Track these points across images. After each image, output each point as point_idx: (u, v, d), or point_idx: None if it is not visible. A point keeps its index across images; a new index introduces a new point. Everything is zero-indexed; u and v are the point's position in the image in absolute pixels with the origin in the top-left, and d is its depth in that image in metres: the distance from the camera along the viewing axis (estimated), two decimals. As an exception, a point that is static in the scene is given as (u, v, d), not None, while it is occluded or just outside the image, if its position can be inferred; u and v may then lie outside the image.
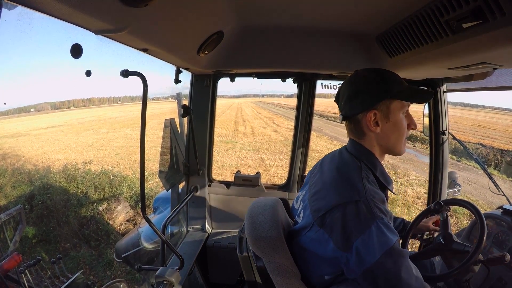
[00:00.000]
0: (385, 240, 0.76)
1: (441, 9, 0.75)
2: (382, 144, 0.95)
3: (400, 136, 0.94)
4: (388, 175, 0.98)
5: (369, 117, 0.91)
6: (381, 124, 0.92)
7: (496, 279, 1.27)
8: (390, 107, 0.91)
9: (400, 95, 0.91)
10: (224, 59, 1.53)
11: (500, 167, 9.85)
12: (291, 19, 1.21)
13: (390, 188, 0.98)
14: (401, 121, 0.93)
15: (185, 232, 2.21)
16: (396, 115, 0.92)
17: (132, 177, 7.19)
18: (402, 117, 0.93)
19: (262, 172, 2.45)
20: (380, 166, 0.96)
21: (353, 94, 0.94)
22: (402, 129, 0.94)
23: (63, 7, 0.58)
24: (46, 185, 6.30)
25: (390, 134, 0.93)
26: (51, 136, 18.31)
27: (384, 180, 0.95)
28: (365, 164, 0.93)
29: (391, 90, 0.90)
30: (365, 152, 0.95)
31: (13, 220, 2.30)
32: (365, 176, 0.88)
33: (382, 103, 0.91)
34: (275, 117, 26.50)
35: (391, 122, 0.92)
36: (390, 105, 0.91)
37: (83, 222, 5.08)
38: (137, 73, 1.00)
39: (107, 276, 3.80)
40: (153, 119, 14.39)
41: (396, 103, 0.92)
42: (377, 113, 0.91)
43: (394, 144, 0.95)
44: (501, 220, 1.43)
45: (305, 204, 0.97)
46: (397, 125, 0.93)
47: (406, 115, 0.95)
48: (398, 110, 0.92)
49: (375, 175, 0.93)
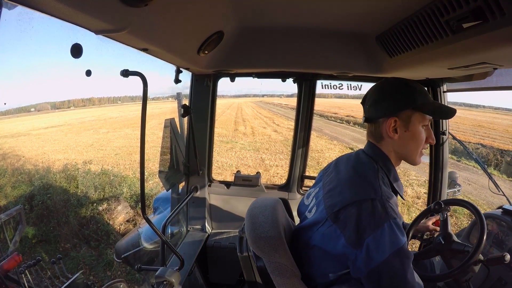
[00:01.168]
0: (396, 240, 0.78)
1: (441, 9, 0.75)
2: (398, 151, 0.99)
3: (417, 147, 0.97)
4: (400, 182, 1.01)
5: (389, 123, 0.95)
6: (400, 132, 0.96)
7: (496, 279, 1.27)
8: (411, 118, 0.95)
9: (423, 107, 0.95)
10: (224, 59, 1.53)
11: (500, 167, 9.85)
12: (291, 19, 1.21)
13: (401, 194, 1.00)
14: (420, 133, 0.96)
15: (185, 232, 2.21)
16: (415, 126, 0.95)
17: (132, 177, 7.20)
18: (421, 130, 0.96)
19: (262, 172, 2.45)
20: (394, 171, 0.99)
21: (379, 98, 0.99)
22: (419, 140, 0.97)
23: (63, 7, 0.58)
24: (46, 185, 6.30)
25: (406, 143, 0.97)
26: (51, 136, 18.31)
27: (397, 186, 0.98)
28: (381, 167, 0.96)
29: (415, 101, 0.94)
30: (382, 156, 0.99)
31: (13, 220, 2.30)
32: (381, 177, 0.92)
33: (404, 112, 0.95)
34: (275, 117, 26.50)
35: (410, 132, 0.95)
36: (412, 115, 0.95)
37: (83, 222, 5.08)
38: (137, 73, 1.00)
39: (107, 276, 3.80)
40: (153, 119, 14.40)
41: (418, 115, 0.95)
42: (397, 120, 0.95)
43: (410, 153, 0.98)
44: (501, 220, 1.43)
45: (319, 200, 0.99)
46: (415, 136, 0.96)
47: (426, 129, 0.98)
48: (419, 122, 0.95)
49: (389, 179, 0.96)
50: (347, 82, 1.93)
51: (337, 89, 1.98)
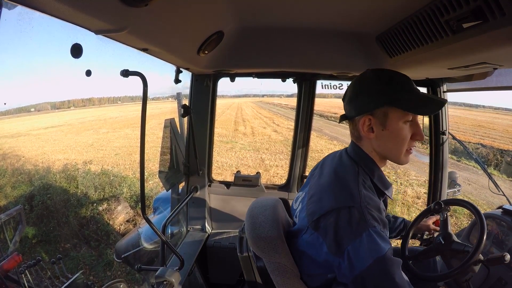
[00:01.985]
0: (376, 248, 0.74)
1: (441, 9, 0.75)
2: (378, 151, 0.91)
3: (398, 146, 0.88)
4: (387, 181, 0.95)
5: (363, 122, 0.88)
6: (376, 131, 0.88)
7: (496, 279, 1.27)
8: (388, 115, 0.85)
9: (400, 103, 0.84)
10: (224, 59, 1.53)
11: (500, 167, 9.85)
12: (291, 19, 1.21)
13: (388, 194, 0.95)
14: (400, 131, 0.86)
15: (185, 232, 2.21)
16: (394, 123, 0.86)
17: (132, 177, 7.20)
18: (403, 127, 0.86)
19: (262, 172, 2.45)
20: (378, 171, 0.93)
21: (353, 95, 0.91)
22: (400, 139, 0.87)
23: (63, 7, 0.58)
24: (46, 185, 6.30)
25: (386, 142, 0.88)
26: (51, 136, 18.31)
27: (382, 185, 0.93)
28: (363, 169, 0.90)
29: (390, 95, 0.85)
30: (363, 156, 0.92)
31: (13, 220, 2.30)
32: (361, 181, 0.86)
33: (379, 109, 0.86)
34: (275, 117, 26.49)
35: (388, 130, 0.86)
36: (388, 112, 0.85)
37: (83, 223, 5.08)
38: (137, 73, 1.00)
39: (107, 276, 3.80)
40: (153, 119, 14.39)
41: (396, 111, 0.85)
42: (372, 119, 0.87)
43: (392, 153, 0.90)
44: (501, 220, 1.42)
45: (303, 206, 0.96)
46: (394, 134, 0.87)
47: (412, 124, 0.88)
48: (398, 118, 0.85)
49: (373, 181, 0.91)
50: (347, 82, 1.92)
51: (337, 89, 1.97)
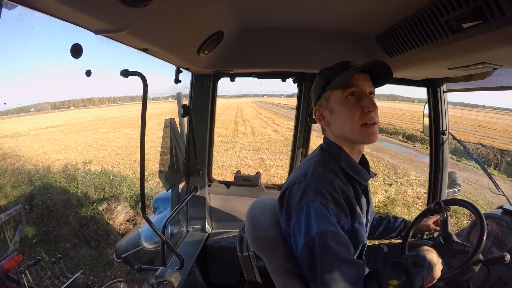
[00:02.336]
0: (310, 226, 0.78)
1: (441, 9, 0.75)
2: (337, 134, 0.95)
3: (350, 122, 0.89)
4: (359, 167, 0.94)
5: (315, 114, 0.99)
6: (327, 117, 0.95)
7: (496, 279, 1.26)
8: (330, 99, 0.93)
9: (332, 84, 0.91)
10: (224, 59, 1.53)
11: (500, 167, 9.85)
12: (291, 19, 1.21)
13: (361, 181, 0.95)
14: (344, 106, 0.89)
15: (185, 232, 2.21)
16: (336, 103, 0.91)
17: (132, 177, 7.19)
18: (346, 103, 0.89)
19: (262, 172, 2.45)
20: (346, 156, 0.93)
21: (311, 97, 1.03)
22: (346, 114, 0.89)
23: (63, 7, 0.58)
24: (46, 185, 6.29)
25: (338, 123, 0.93)
26: (51, 136, 18.32)
27: (352, 170, 0.93)
28: (329, 155, 0.95)
29: (324, 82, 0.93)
30: (330, 144, 0.97)
31: (13, 220, 2.30)
32: (321, 163, 0.91)
33: (321, 98, 0.95)
34: (275, 117, 26.50)
35: (335, 112, 0.92)
36: (330, 97, 0.93)
37: (83, 222, 5.07)
38: (137, 73, 1.00)
39: (107, 276, 3.80)
40: (153, 119, 14.40)
41: (332, 92, 0.92)
42: (319, 108, 0.97)
43: (347, 131, 0.91)
44: (501, 220, 1.42)
45: None
46: (341, 113, 0.91)
47: (357, 99, 0.89)
48: (338, 97, 0.90)
49: (340, 166, 0.93)
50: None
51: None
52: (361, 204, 0.94)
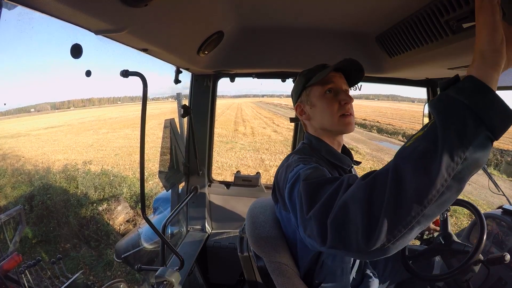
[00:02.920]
0: (298, 168, 0.79)
1: (441, 9, 0.75)
2: (318, 127, 1.00)
3: (329, 113, 0.95)
4: (339, 154, 0.99)
5: (296, 110, 1.05)
6: (308, 111, 1.01)
7: (496, 279, 1.27)
8: (310, 95, 0.99)
9: (312, 80, 0.97)
10: (224, 59, 1.53)
11: (500, 167, 9.85)
12: (291, 19, 1.21)
13: (343, 166, 0.98)
14: (324, 101, 0.96)
15: (185, 232, 2.21)
16: (316, 98, 0.98)
17: (132, 178, 7.19)
18: (325, 97, 0.96)
19: (262, 172, 2.45)
20: (326, 146, 0.98)
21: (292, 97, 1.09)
22: (326, 106, 0.95)
23: (63, 7, 0.58)
24: (46, 185, 6.29)
25: (318, 116, 0.98)
26: (51, 136, 18.33)
27: (334, 158, 0.97)
28: (310, 148, 0.99)
29: (305, 79, 1.00)
30: (311, 138, 1.01)
31: (13, 220, 2.31)
32: (304, 152, 0.95)
33: (302, 95, 1.02)
34: (275, 117, 26.51)
35: (315, 106, 0.98)
36: (310, 93, 0.99)
37: (83, 223, 5.07)
38: (137, 73, 1.00)
39: (107, 276, 3.80)
40: (153, 119, 14.41)
41: (312, 89, 0.99)
42: (300, 104, 1.03)
43: (326, 123, 0.97)
44: (501, 220, 1.43)
45: None
46: (322, 107, 0.97)
47: (335, 93, 0.96)
48: (318, 92, 0.97)
49: (322, 156, 0.97)
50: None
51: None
52: None
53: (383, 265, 1.33)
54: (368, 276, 1.14)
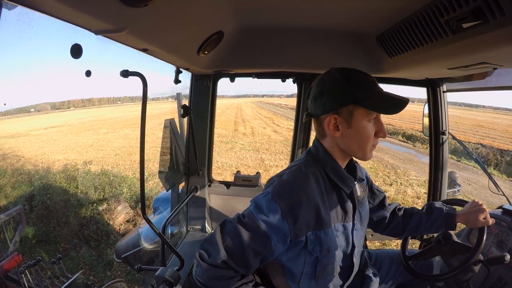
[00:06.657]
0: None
1: (441, 9, 0.75)
2: (342, 148, 0.92)
3: (363, 143, 0.89)
4: (344, 174, 0.93)
5: (328, 121, 0.89)
6: (342, 129, 0.89)
7: (496, 279, 1.26)
8: (354, 113, 0.87)
9: (364, 102, 0.85)
10: (224, 59, 1.53)
11: (500, 167, 9.86)
12: (291, 19, 1.21)
13: (345, 188, 0.93)
14: (365, 129, 0.88)
15: (185, 232, 2.21)
16: (359, 122, 0.87)
17: (132, 178, 7.19)
18: (367, 124, 0.88)
19: (262, 172, 2.45)
20: (333, 163, 0.93)
21: (318, 94, 0.91)
22: (365, 136, 0.88)
23: (63, 7, 0.58)
24: (46, 185, 6.29)
25: (351, 140, 0.89)
26: (51, 136, 18.33)
27: (337, 178, 0.92)
28: (315, 159, 0.95)
29: (356, 95, 0.85)
30: (320, 149, 0.95)
31: (13, 220, 2.30)
32: (303, 166, 0.92)
33: (344, 108, 0.87)
34: (275, 117, 26.51)
35: (353, 129, 0.88)
36: (354, 111, 0.86)
37: (83, 223, 5.07)
38: (137, 73, 1.00)
39: (107, 276, 3.79)
40: (153, 119, 14.41)
41: (361, 109, 0.86)
42: (337, 118, 0.88)
43: (356, 150, 0.91)
44: (501, 220, 1.42)
45: None
46: (359, 132, 0.88)
47: (375, 122, 0.90)
48: (363, 117, 0.87)
49: (325, 171, 0.92)
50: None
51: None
52: (345, 208, 0.95)
53: (387, 266, 1.33)
54: (368, 277, 1.14)
